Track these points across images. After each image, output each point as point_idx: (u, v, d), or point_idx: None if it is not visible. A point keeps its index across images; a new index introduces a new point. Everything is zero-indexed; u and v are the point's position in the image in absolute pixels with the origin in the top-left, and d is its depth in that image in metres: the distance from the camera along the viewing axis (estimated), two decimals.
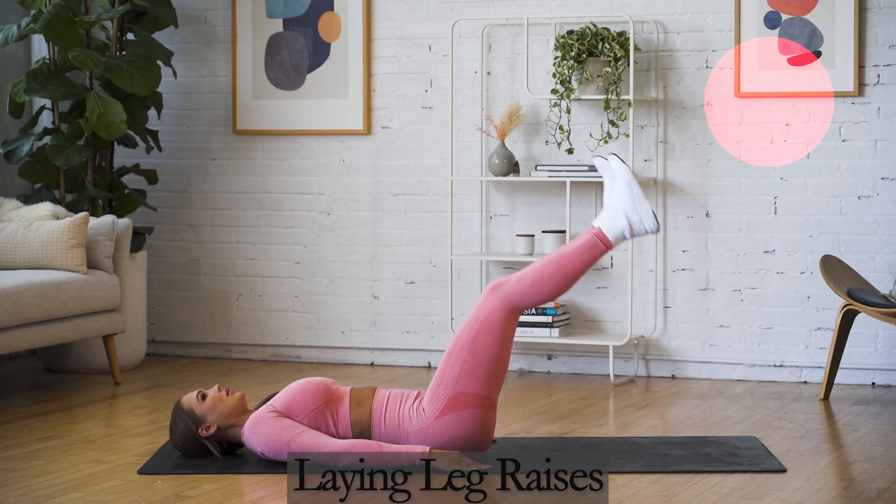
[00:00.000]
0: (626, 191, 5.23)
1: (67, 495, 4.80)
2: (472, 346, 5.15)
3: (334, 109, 7.73)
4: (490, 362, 5.15)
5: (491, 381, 5.16)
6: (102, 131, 7.30)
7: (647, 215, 5.21)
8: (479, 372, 5.15)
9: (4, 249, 6.98)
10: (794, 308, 7.11)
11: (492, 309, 5.18)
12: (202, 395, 5.27)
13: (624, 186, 5.23)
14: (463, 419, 5.14)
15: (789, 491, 4.85)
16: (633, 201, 5.22)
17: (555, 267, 5.18)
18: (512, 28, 7.44)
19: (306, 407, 5.19)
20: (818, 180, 7.06)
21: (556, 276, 5.18)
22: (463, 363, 5.15)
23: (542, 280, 5.17)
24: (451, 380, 5.16)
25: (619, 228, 5.21)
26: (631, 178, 5.23)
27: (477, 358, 5.15)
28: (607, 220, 5.22)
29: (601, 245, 5.19)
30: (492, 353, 5.16)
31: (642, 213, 5.21)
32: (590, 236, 5.20)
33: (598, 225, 5.21)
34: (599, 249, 5.19)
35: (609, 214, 5.23)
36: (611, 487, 4.87)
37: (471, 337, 5.16)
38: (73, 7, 7.34)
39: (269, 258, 7.90)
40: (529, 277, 5.18)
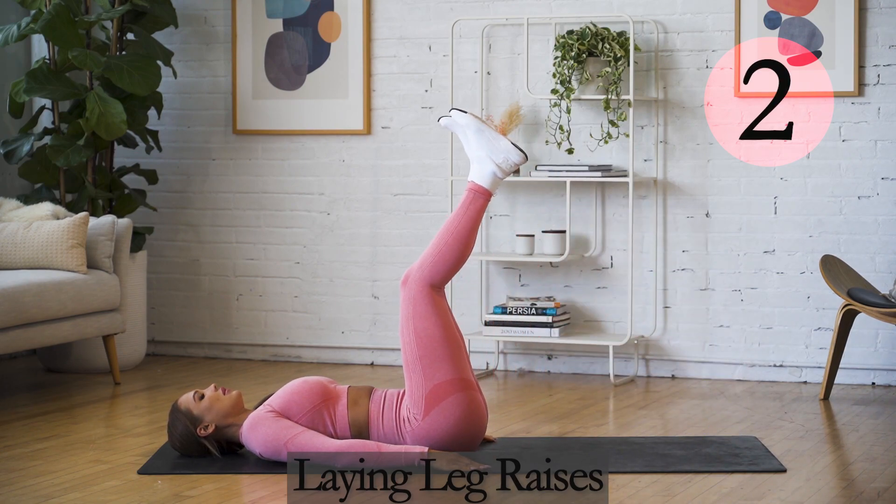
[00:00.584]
0: (479, 136, 5.35)
1: (67, 495, 4.80)
2: (419, 342, 5.20)
3: (334, 109, 7.73)
4: (443, 345, 5.20)
5: (453, 361, 5.20)
6: (102, 131, 7.30)
7: (509, 150, 5.32)
8: (439, 360, 5.18)
9: (4, 249, 6.98)
10: (794, 308, 7.11)
11: (412, 299, 5.25)
12: (199, 394, 5.27)
13: (475, 133, 5.35)
14: (447, 409, 5.15)
15: (789, 491, 4.85)
16: (489, 143, 5.34)
17: (448, 236, 5.30)
18: (512, 28, 7.44)
19: (304, 406, 5.19)
20: (818, 180, 7.06)
21: (453, 242, 5.29)
22: (420, 360, 5.19)
23: (441, 251, 5.29)
24: (419, 381, 5.19)
25: (487, 173, 5.33)
26: (479, 124, 5.35)
27: (429, 349, 5.19)
28: (475, 170, 5.35)
29: (480, 195, 5.32)
30: (439, 336, 5.21)
31: (503, 150, 5.33)
32: (466, 192, 5.34)
33: (470, 178, 5.34)
34: (480, 199, 5.32)
35: (475, 165, 5.36)
36: (611, 487, 4.87)
37: (412, 335, 5.22)
38: (73, 7, 7.34)
39: (269, 258, 7.90)
40: (430, 255, 5.29)
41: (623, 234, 7.31)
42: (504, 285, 7.51)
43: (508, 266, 7.51)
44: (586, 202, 7.38)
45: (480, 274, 7.53)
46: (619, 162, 7.31)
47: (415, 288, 5.26)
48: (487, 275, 7.54)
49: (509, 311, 7.25)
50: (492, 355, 7.53)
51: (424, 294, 5.25)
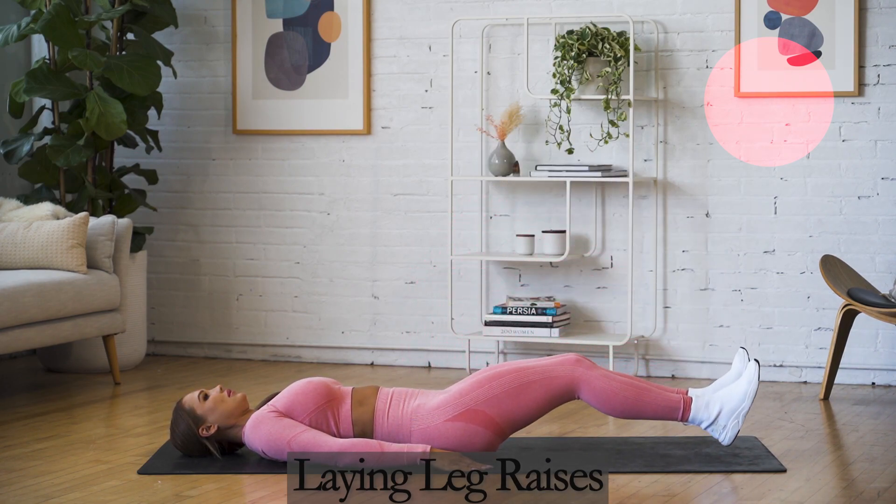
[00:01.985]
0: (739, 396, 5.27)
1: (67, 495, 4.80)
2: (521, 388, 5.18)
3: (334, 109, 7.73)
4: (522, 410, 5.19)
5: (512, 422, 5.21)
6: (102, 131, 7.30)
7: (733, 430, 5.26)
8: (509, 408, 5.18)
9: (4, 249, 6.98)
10: (794, 308, 7.11)
11: (561, 375, 5.21)
12: (204, 395, 5.27)
13: (742, 392, 5.26)
14: (471, 433, 5.15)
15: (789, 491, 4.85)
16: (735, 409, 5.27)
17: (632, 393, 5.23)
18: (512, 28, 7.44)
19: (307, 407, 5.19)
20: (818, 180, 7.06)
21: (627, 403, 5.23)
22: (503, 392, 5.18)
23: (615, 394, 5.22)
24: (481, 396, 5.18)
25: (704, 416, 5.28)
26: (752, 394, 5.25)
27: (517, 398, 5.18)
28: (703, 401, 5.27)
29: (680, 412, 5.26)
30: (530, 406, 5.20)
31: (731, 426, 5.27)
32: (678, 398, 5.26)
33: (693, 395, 5.27)
34: (676, 415, 5.26)
35: (709, 398, 5.27)
36: (611, 487, 4.87)
37: (526, 379, 5.19)
38: (73, 7, 7.34)
39: (269, 258, 7.90)
40: (608, 383, 5.21)
41: (623, 234, 7.31)
42: (504, 285, 7.51)
43: (508, 266, 7.51)
44: (586, 202, 7.38)
45: (480, 274, 7.54)
46: (619, 162, 7.31)
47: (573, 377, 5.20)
48: (487, 275, 7.54)
49: (509, 311, 7.25)
50: (492, 355, 7.53)
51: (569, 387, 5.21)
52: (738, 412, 5.25)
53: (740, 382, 5.28)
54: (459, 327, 7.53)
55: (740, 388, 5.26)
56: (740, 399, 5.25)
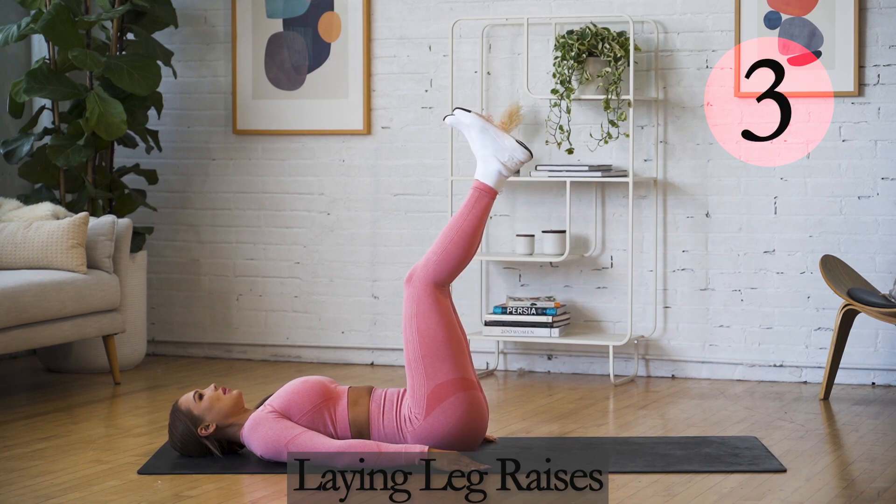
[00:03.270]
0: (483, 135, 5.36)
1: (67, 495, 4.80)
2: (422, 341, 5.20)
3: (334, 109, 7.73)
4: (446, 345, 5.19)
5: (455, 361, 5.19)
6: (102, 131, 7.30)
7: (514, 148, 5.33)
8: (441, 359, 5.18)
9: (4, 249, 6.98)
10: (794, 308, 7.11)
11: (416, 298, 5.25)
12: (199, 394, 5.27)
13: (479, 132, 5.36)
14: (449, 408, 5.15)
15: (789, 491, 4.85)
16: (493, 142, 5.35)
17: (453, 233, 5.30)
18: (512, 28, 7.44)
19: (304, 407, 5.19)
20: (818, 180, 7.06)
21: (457, 240, 5.29)
22: (423, 359, 5.19)
23: (445, 249, 5.29)
24: (421, 380, 5.19)
25: (492, 171, 5.34)
26: (483, 123, 5.35)
27: (432, 349, 5.18)
28: (480, 168, 5.36)
29: (485, 194, 5.33)
30: (442, 335, 5.21)
31: (508, 148, 5.34)
32: (472, 190, 5.34)
33: (476, 177, 5.35)
34: (486, 198, 5.33)
35: (480, 163, 5.36)
36: (611, 487, 4.87)
37: (415, 334, 5.21)
38: (73, 7, 7.34)
39: (269, 258, 7.90)
40: (435, 253, 5.30)
41: (623, 234, 7.31)
42: (504, 285, 7.51)
43: (508, 266, 7.51)
44: (586, 202, 7.38)
45: (480, 274, 7.54)
46: (619, 162, 7.31)
47: (419, 286, 5.26)
48: (487, 275, 7.54)
49: (509, 311, 7.25)
50: (492, 355, 7.53)
51: (428, 293, 5.25)
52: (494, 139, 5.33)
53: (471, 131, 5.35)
54: None
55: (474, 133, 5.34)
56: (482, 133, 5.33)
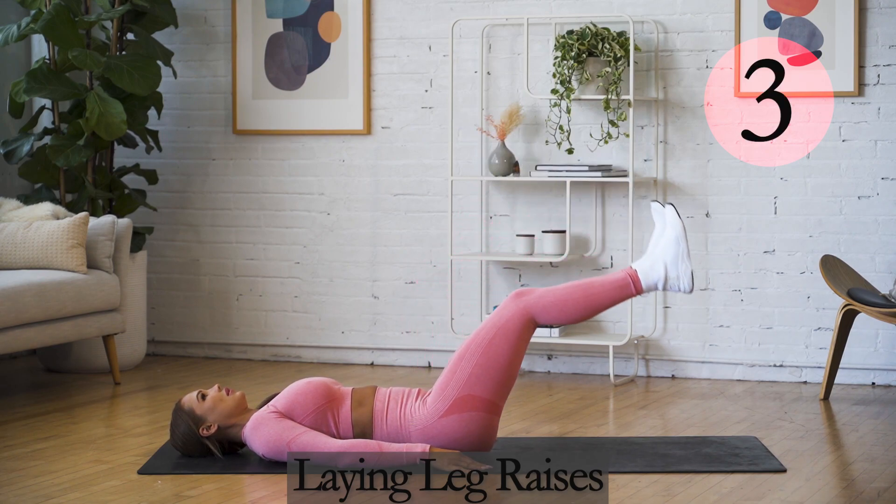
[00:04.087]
0: (673, 244, 5.24)
1: (67, 495, 4.80)
2: (487, 350, 5.16)
3: (334, 109, 7.73)
4: (501, 368, 5.16)
5: (499, 387, 5.17)
6: (102, 131, 7.30)
7: (686, 275, 5.23)
8: (489, 376, 5.16)
9: (4, 249, 6.98)
10: (794, 308, 7.11)
11: (511, 316, 5.19)
12: (202, 395, 5.27)
13: (672, 239, 5.25)
14: (467, 421, 5.15)
15: (789, 491, 4.85)
16: (676, 256, 5.24)
17: (581, 293, 5.20)
18: (512, 28, 7.44)
19: (307, 407, 5.19)
20: (818, 180, 7.06)
21: (580, 302, 5.20)
22: (475, 366, 5.16)
23: (565, 301, 5.19)
24: (460, 380, 5.16)
25: (654, 278, 5.24)
26: (681, 234, 5.23)
27: (489, 362, 5.16)
28: (646, 266, 5.25)
29: (632, 287, 5.23)
30: (504, 359, 5.17)
31: (681, 271, 5.24)
32: (623, 275, 5.23)
33: (636, 267, 5.24)
34: (629, 291, 5.22)
35: (649, 261, 5.25)
36: (611, 487, 4.87)
37: (486, 340, 5.17)
38: (73, 7, 7.34)
39: (269, 258, 7.90)
40: (554, 295, 5.20)
41: (623, 234, 7.31)
42: (504, 285, 7.51)
43: (508, 266, 7.51)
44: (586, 202, 7.38)
45: (480, 274, 7.54)
46: (619, 162, 7.31)
47: (520, 308, 5.20)
48: (487, 275, 7.54)
49: None
50: None
51: (522, 320, 5.20)
52: (679, 256, 5.22)
53: (666, 231, 5.26)
54: (459, 327, 7.53)
55: (669, 236, 5.24)
56: (675, 244, 5.23)
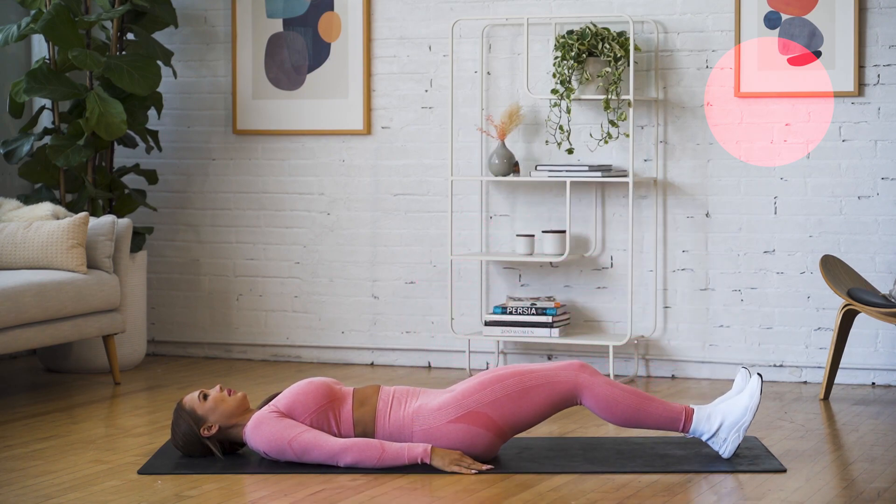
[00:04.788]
0: (741, 411, 5.25)
1: (67, 495, 4.80)
2: (523, 392, 5.17)
3: (334, 109, 7.73)
4: (523, 414, 5.19)
5: (514, 425, 5.21)
6: (102, 131, 7.30)
7: (734, 443, 5.25)
8: (511, 412, 5.17)
9: (4, 249, 6.98)
10: (794, 308, 7.11)
11: (564, 381, 5.20)
12: (204, 395, 5.27)
13: (743, 407, 5.25)
14: (473, 434, 5.15)
15: (789, 491, 4.85)
16: (737, 423, 5.25)
17: (634, 402, 5.21)
18: (512, 28, 7.44)
19: (308, 407, 5.19)
20: (818, 180, 7.06)
21: (629, 409, 5.21)
22: (505, 396, 5.17)
23: (617, 401, 5.21)
24: (484, 399, 5.17)
25: (704, 429, 5.27)
26: (754, 408, 5.23)
27: (519, 403, 5.17)
28: (705, 414, 5.27)
29: (681, 423, 5.25)
30: (531, 410, 5.19)
31: (731, 439, 5.25)
32: (680, 409, 5.26)
33: (696, 408, 5.27)
34: (677, 426, 5.25)
35: (711, 412, 5.27)
36: (611, 487, 4.87)
37: (529, 384, 5.18)
38: (73, 7, 7.34)
39: (269, 258, 7.90)
40: (609, 390, 5.20)
41: (623, 234, 7.31)
42: (504, 285, 7.51)
43: (508, 266, 7.51)
44: (586, 202, 7.38)
45: (480, 274, 7.54)
46: (619, 162, 7.31)
47: (576, 382, 5.19)
48: (487, 275, 7.54)
49: (509, 311, 7.25)
50: (492, 355, 7.53)
51: (570, 390, 5.19)
52: (739, 426, 5.23)
53: (742, 396, 5.27)
54: (459, 327, 7.53)
55: (742, 402, 5.25)
56: (742, 413, 5.24)
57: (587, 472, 5.09)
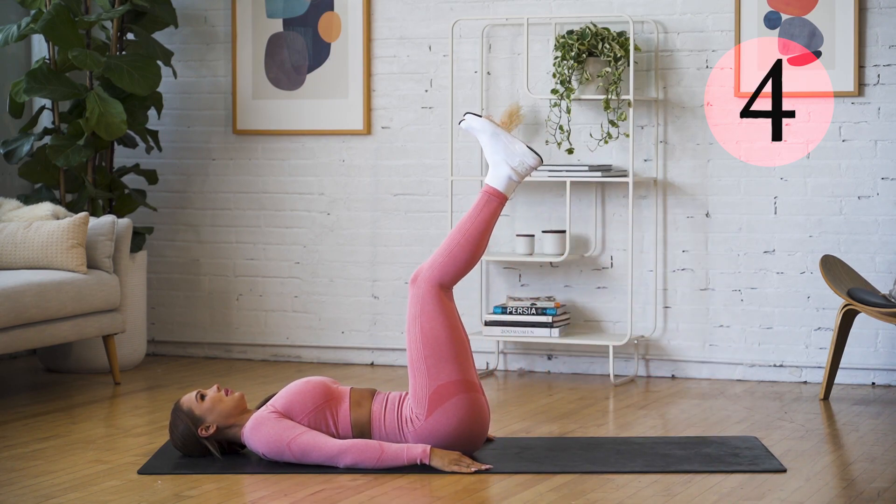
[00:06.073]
0: (494, 141, 5.37)
1: (67, 495, 4.80)
2: (425, 341, 5.19)
3: (334, 109, 7.73)
4: (448, 346, 5.19)
5: (458, 362, 5.19)
6: (102, 131, 7.30)
7: (524, 153, 5.34)
8: (444, 360, 5.17)
9: (4, 249, 6.98)
10: (794, 308, 7.11)
11: (421, 298, 5.26)
12: (201, 395, 5.27)
13: (491, 138, 5.38)
14: (451, 410, 5.15)
15: (789, 491, 4.85)
16: (504, 147, 5.35)
17: (460, 236, 5.30)
18: (512, 28, 7.44)
19: (306, 407, 5.19)
20: (818, 180, 7.06)
21: (464, 243, 5.28)
22: (425, 360, 5.18)
23: (452, 251, 5.28)
24: (423, 381, 5.18)
25: (503, 176, 5.34)
26: (494, 128, 5.37)
27: (435, 350, 5.18)
28: (491, 173, 5.37)
29: (494, 198, 5.32)
30: (445, 336, 5.21)
31: (519, 153, 5.34)
32: (481, 194, 5.34)
33: (486, 181, 5.35)
34: (494, 202, 5.32)
35: (492, 168, 5.38)
36: (611, 487, 4.87)
37: (419, 334, 5.21)
38: (73, 7, 7.34)
39: (269, 258, 7.90)
40: (441, 255, 5.29)
41: (623, 234, 7.31)
42: (504, 285, 7.51)
43: (508, 266, 7.51)
44: (586, 202, 7.38)
45: (480, 274, 7.54)
46: (619, 162, 7.31)
47: (423, 287, 5.26)
48: (487, 275, 7.54)
49: (509, 311, 7.25)
50: (492, 355, 7.53)
51: (433, 294, 5.25)
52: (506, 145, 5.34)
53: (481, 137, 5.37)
54: None
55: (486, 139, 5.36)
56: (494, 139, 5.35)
57: (587, 472, 5.09)
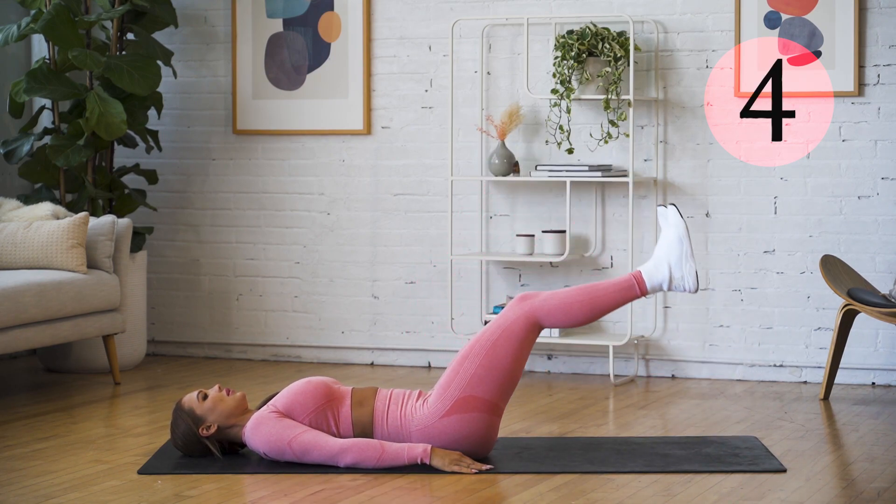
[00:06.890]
0: (676, 244, 5.29)
1: (67, 495, 4.80)
2: (490, 352, 5.17)
3: (334, 109, 7.73)
4: (504, 371, 5.17)
5: (502, 389, 5.18)
6: (102, 131, 7.30)
7: (690, 274, 5.27)
8: (491, 378, 5.16)
9: (4, 249, 6.98)
10: (794, 308, 7.11)
11: (515, 318, 5.21)
12: (203, 394, 5.27)
13: (675, 239, 5.30)
14: (468, 422, 5.15)
15: (789, 491, 4.85)
16: (680, 256, 5.28)
17: (586, 296, 5.23)
18: (512, 28, 7.44)
19: (307, 407, 5.19)
20: (818, 180, 7.06)
21: (585, 305, 5.23)
22: (478, 367, 5.17)
23: (570, 304, 5.22)
24: (462, 381, 5.17)
25: (659, 278, 5.28)
26: (684, 234, 5.28)
27: (492, 364, 5.17)
28: (651, 267, 5.29)
29: (636, 288, 5.26)
30: (507, 362, 5.18)
31: (685, 271, 5.28)
32: (628, 277, 5.27)
33: (641, 269, 5.29)
34: (633, 292, 5.26)
35: (654, 262, 5.30)
36: (611, 487, 4.87)
37: (490, 342, 5.18)
38: (73, 7, 7.34)
39: (269, 258, 7.90)
40: (559, 298, 5.23)
41: (623, 234, 7.31)
42: (504, 285, 7.51)
43: (508, 266, 7.51)
44: (586, 202, 7.38)
45: (480, 274, 7.54)
46: (619, 162, 7.31)
47: (525, 311, 5.22)
48: (487, 275, 7.54)
49: None
50: None
51: (527, 323, 5.21)
52: (683, 255, 5.27)
53: (668, 231, 5.31)
54: (459, 327, 7.53)
55: (672, 236, 5.29)
56: (677, 244, 5.27)
57: (587, 472, 5.09)
